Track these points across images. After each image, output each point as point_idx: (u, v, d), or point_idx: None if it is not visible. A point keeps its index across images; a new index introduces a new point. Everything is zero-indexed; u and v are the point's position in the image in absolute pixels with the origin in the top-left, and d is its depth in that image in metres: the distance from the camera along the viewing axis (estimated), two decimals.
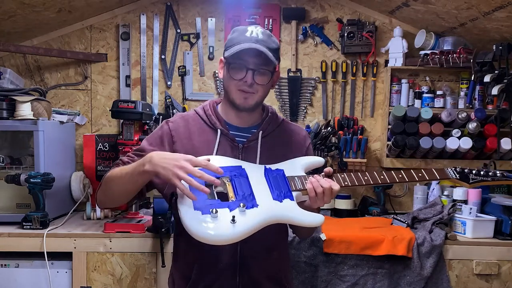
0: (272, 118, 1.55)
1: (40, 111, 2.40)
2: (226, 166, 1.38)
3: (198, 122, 1.51)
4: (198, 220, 1.22)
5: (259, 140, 1.48)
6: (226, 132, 1.48)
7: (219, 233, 1.20)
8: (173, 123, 1.51)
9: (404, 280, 2.12)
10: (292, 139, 1.55)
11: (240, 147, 1.48)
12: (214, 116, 1.50)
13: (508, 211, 2.22)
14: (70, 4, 2.46)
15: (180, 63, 2.84)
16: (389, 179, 1.44)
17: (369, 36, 2.74)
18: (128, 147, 2.32)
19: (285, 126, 1.57)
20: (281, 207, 1.31)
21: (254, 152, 1.47)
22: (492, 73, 2.47)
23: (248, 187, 1.33)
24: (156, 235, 2.14)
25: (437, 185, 2.57)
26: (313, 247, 2.13)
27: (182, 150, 1.42)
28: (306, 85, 2.83)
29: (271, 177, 1.38)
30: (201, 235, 1.21)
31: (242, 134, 1.50)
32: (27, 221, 2.22)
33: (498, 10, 2.17)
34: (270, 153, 1.48)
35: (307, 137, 1.60)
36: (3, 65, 2.76)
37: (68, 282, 2.18)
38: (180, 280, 1.53)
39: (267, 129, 1.52)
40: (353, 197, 2.73)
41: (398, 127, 2.60)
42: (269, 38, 1.43)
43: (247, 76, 1.39)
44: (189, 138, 1.48)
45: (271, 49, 1.40)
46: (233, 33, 1.45)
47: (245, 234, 1.23)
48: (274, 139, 1.52)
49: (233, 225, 1.21)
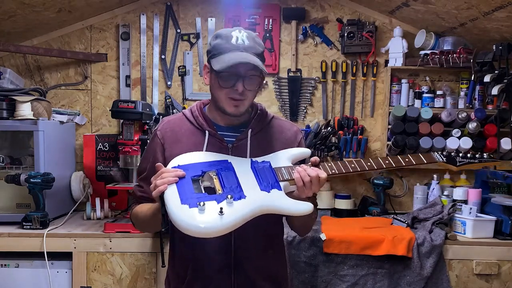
0: (261, 116, 1.53)
1: (40, 111, 2.40)
2: (212, 160, 1.38)
3: (185, 124, 1.50)
4: (185, 213, 1.21)
5: (249, 139, 1.47)
6: (214, 133, 1.47)
7: (208, 226, 1.20)
8: (160, 131, 1.51)
9: (404, 280, 2.12)
10: (283, 136, 1.53)
11: (229, 147, 1.47)
12: (201, 117, 1.49)
13: (508, 211, 2.22)
14: (70, 4, 2.46)
15: (180, 63, 2.84)
16: (376, 165, 1.44)
17: (369, 36, 2.74)
18: (128, 147, 2.32)
19: (275, 123, 1.55)
20: (268, 197, 1.30)
21: (244, 151, 1.46)
22: (492, 73, 2.47)
23: (235, 180, 1.33)
24: (156, 235, 2.14)
25: (437, 185, 2.57)
26: (313, 247, 2.13)
27: (172, 155, 1.43)
28: (306, 85, 2.83)
29: (257, 169, 1.38)
30: (190, 228, 1.20)
31: (231, 133, 1.49)
32: (27, 221, 2.22)
33: (498, 10, 2.17)
34: (260, 151, 1.47)
35: (298, 133, 1.56)
36: (3, 65, 2.76)
37: (68, 282, 2.18)
38: (176, 280, 1.52)
39: (256, 127, 1.50)
40: (353, 197, 2.73)
41: (398, 127, 2.60)
42: (254, 42, 1.40)
43: (238, 85, 1.37)
44: (177, 141, 1.47)
45: (258, 54, 1.39)
46: (216, 39, 1.41)
47: (234, 225, 1.23)
48: (264, 136, 1.51)
49: (221, 216, 1.21)
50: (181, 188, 1.27)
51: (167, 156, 1.45)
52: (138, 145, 2.35)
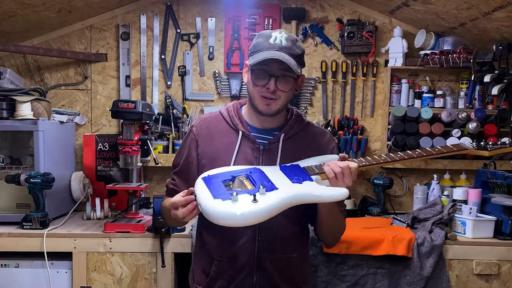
0: (296, 121, 1.54)
1: (40, 111, 2.40)
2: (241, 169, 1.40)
3: (221, 123, 1.53)
4: (220, 206, 1.23)
5: (280, 143, 1.48)
6: (247, 134, 1.48)
7: (245, 212, 1.20)
8: (196, 127, 1.54)
9: (404, 280, 2.12)
10: (315, 142, 1.54)
11: (261, 149, 1.48)
12: (237, 117, 1.51)
13: (508, 211, 2.22)
14: (70, 4, 2.46)
15: (180, 63, 2.84)
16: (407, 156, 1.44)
17: (369, 36, 2.74)
18: (128, 147, 2.31)
19: (309, 129, 1.56)
20: (301, 187, 1.30)
21: (275, 154, 1.47)
22: (492, 73, 2.47)
23: (266, 177, 1.34)
24: (156, 235, 2.14)
25: (437, 185, 2.57)
26: (313, 247, 2.13)
27: (205, 151, 1.49)
28: (306, 85, 2.83)
29: (287, 170, 1.39)
30: (227, 218, 1.21)
31: (264, 136, 1.50)
32: (27, 221, 2.22)
33: (498, 10, 2.17)
34: (291, 155, 1.47)
35: (331, 140, 1.58)
36: (3, 65, 2.76)
37: (68, 282, 2.18)
38: (200, 276, 1.54)
39: (290, 131, 1.51)
40: (353, 197, 2.73)
41: (398, 127, 2.60)
42: (293, 44, 1.42)
43: (270, 83, 1.39)
44: (211, 139, 1.50)
45: (294, 55, 1.40)
46: (257, 38, 1.45)
47: (270, 211, 1.23)
48: (297, 141, 1.51)
49: (255, 203, 1.21)
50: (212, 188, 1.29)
51: (200, 152, 1.50)
52: (138, 145, 2.35)
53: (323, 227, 1.52)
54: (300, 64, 1.44)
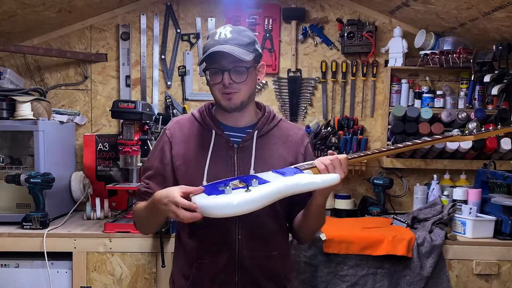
0: (269, 118, 1.54)
1: (40, 111, 2.40)
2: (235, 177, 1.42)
3: (193, 124, 1.54)
4: (215, 199, 1.25)
5: (254, 140, 1.49)
6: (220, 133, 1.49)
7: (241, 201, 1.22)
8: (169, 129, 1.54)
9: (404, 280, 2.12)
10: (289, 139, 1.54)
11: (235, 147, 1.48)
12: (209, 117, 1.52)
13: (508, 211, 2.22)
14: (70, 4, 2.46)
15: (180, 63, 2.84)
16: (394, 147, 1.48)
17: (369, 36, 2.74)
18: (128, 147, 2.32)
19: (282, 126, 1.57)
20: (294, 177, 1.32)
21: (250, 152, 1.47)
22: (492, 73, 2.47)
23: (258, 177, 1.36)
24: (156, 235, 2.14)
25: (437, 185, 2.57)
26: (313, 247, 2.13)
27: (179, 153, 1.49)
28: (306, 85, 2.83)
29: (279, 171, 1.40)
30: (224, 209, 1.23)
31: (237, 134, 1.51)
32: (27, 221, 2.22)
33: (498, 10, 2.17)
34: (266, 152, 1.48)
35: (305, 136, 1.59)
36: (3, 65, 2.76)
37: (68, 282, 2.18)
38: (180, 280, 1.53)
39: (263, 129, 1.52)
40: (353, 197, 2.73)
41: (398, 127, 2.60)
42: (239, 34, 1.42)
43: (224, 78, 1.40)
44: (185, 141, 1.51)
45: (242, 45, 1.40)
46: (206, 39, 1.47)
47: (263, 200, 1.24)
48: (270, 139, 1.52)
49: (248, 192, 1.24)
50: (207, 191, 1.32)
51: (174, 154, 1.49)
52: (138, 145, 2.35)
53: (308, 222, 1.51)
54: (252, 52, 1.42)
